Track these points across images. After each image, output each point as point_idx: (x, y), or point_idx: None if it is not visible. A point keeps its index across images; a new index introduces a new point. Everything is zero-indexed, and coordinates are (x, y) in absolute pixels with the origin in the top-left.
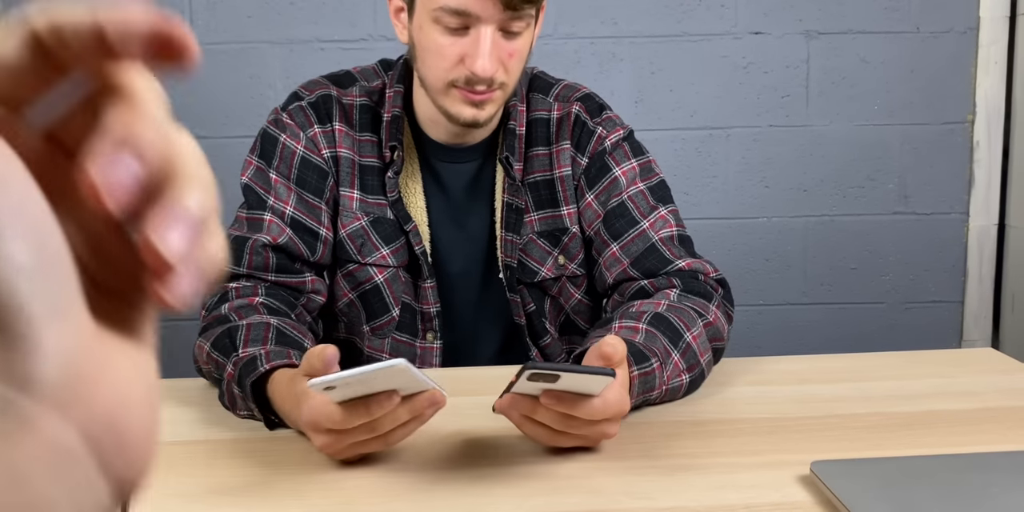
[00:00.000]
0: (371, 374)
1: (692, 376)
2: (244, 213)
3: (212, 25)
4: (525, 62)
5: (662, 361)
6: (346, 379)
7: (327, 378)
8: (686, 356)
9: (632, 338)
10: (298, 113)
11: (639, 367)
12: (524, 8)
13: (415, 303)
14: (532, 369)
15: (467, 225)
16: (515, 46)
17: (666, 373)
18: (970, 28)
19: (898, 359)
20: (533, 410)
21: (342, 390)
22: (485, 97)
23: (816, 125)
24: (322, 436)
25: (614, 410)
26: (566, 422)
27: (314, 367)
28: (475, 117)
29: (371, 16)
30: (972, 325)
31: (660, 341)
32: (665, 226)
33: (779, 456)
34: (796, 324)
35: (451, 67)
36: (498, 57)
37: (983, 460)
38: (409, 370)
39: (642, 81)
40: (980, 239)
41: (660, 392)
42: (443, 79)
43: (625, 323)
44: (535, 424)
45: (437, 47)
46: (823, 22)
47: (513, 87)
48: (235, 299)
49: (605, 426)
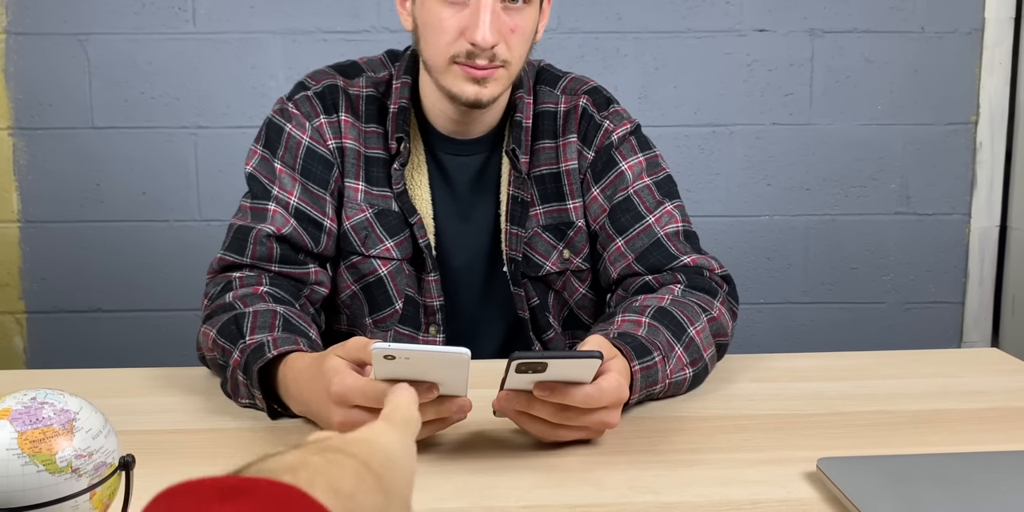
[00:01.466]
0: (433, 355)
1: (696, 370)
2: (248, 203)
3: (215, 15)
4: (529, 45)
5: (664, 355)
6: (410, 351)
7: (395, 345)
8: (689, 350)
9: (635, 332)
10: (304, 103)
11: (640, 361)
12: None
13: (418, 296)
14: (518, 359)
15: (472, 218)
16: (517, 21)
17: (669, 367)
18: (975, 29)
19: (903, 358)
20: (529, 405)
21: (395, 365)
22: (487, 73)
23: (819, 124)
24: (344, 411)
25: (611, 397)
26: (562, 413)
27: (350, 354)
28: (478, 95)
29: (374, 7)
30: (972, 326)
31: (663, 335)
32: (671, 221)
33: (785, 452)
34: (796, 323)
35: (452, 41)
36: (498, 29)
37: (989, 459)
38: (466, 364)
39: (646, 77)
40: (981, 240)
41: (664, 386)
42: (445, 54)
43: (628, 317)
44: (533, 419)
45: (438, 21)
46: (828, 21)
47: (518, 67)
48: (239, 288)
49: (604, 415)
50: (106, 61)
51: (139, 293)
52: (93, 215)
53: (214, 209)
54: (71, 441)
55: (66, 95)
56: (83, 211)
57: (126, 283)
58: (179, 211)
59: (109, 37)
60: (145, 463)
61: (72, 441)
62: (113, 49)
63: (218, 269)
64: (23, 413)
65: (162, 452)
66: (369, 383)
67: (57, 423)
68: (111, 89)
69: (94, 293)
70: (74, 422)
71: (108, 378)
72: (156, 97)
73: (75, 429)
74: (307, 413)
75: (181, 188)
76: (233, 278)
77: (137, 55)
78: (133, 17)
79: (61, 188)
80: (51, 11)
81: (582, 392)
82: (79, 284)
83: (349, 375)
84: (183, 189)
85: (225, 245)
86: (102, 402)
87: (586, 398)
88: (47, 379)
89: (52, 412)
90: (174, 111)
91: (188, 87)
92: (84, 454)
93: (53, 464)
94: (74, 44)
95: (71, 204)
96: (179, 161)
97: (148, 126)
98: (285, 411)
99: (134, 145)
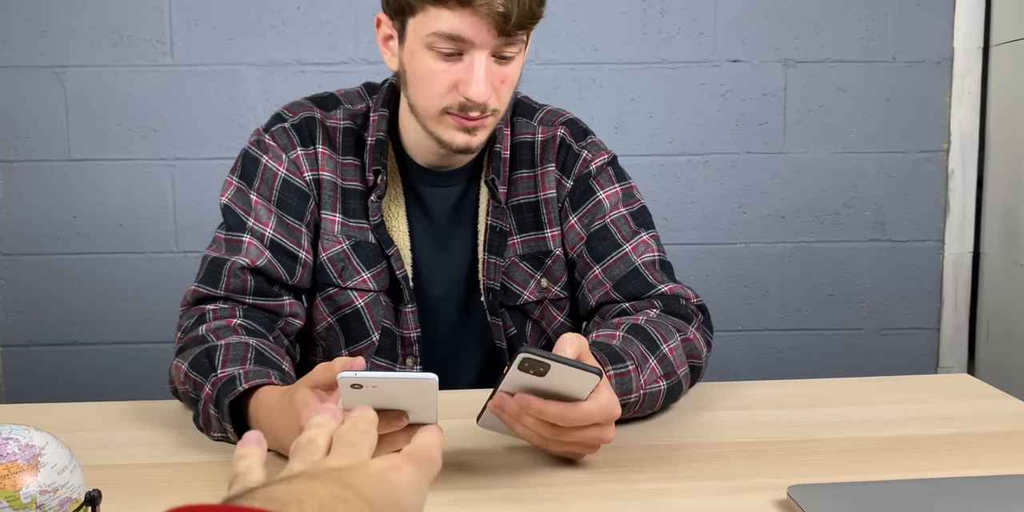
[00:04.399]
0: (400, 382)
1: (670, 383)
2: (223, 234)
3: (192, 47)
4: (515, 87)
5: (638, 365)
6: (376, 379)
7: (360, 374)
8: (663, 363)
9: (609, 342)
10: (281, 135)
11: (615, 367)
12: (518, 34)
13: (395, 327)
14: (526, 352)
15: (449, 248)
16: (507, 72)
17: (643, 377)
18: (944, 58)
19: (875, 384)
20: (520, 416)
21: (362, 394)
22: (478, 123)
23: (793, 152)
24: None
25: (601, 415)
26: (552, 429)
27: (318, 381)
28: (467, 143)
29: (352, 39)
30: (948, 352)
31: (637, 346)
32: (647, 251)
33: (756, 480)
34: (773, 350)
35: (444, 93)
36: (491, 83)
37: (958, 485)
38: (434, 390)
39: (622, 107)
40: (955, 267)
41: (638, 396)
42: (436, 106)
43: (603, 331)
44: (525, 427)
45: (430, 73)
46: (801, 51)
47: (504, 113)
48: (212, 320)
49: (596, 431)
50: (83, 93)
51: (116, 326)
52: (69, 247)
53: (191, 241)
54: (35, 477)
55: (43, 127)
56: (59, 243)
57: (103, 316)
58: (156, 243)
59: (86, 70)
60: (113, 497)
61: (37, 477)
62: (90, 82)
63: (192, 301)
64: None
65: (131, 486)
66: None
67: (22, 458)
68: (88, 121)
69: (70, 326)
70: (39, 457)
71: (80, 412)
72: (134, 129)
73: (40, 464)
74: (278, 447)
75: (158, 220)
76: (207, 310)
77: (115, 87)
78: (111, 50)
79: (37, 220)
80: (28, 44)
81: (576, 409)
82: (55, 317)
83: (318, 407)
84: (160, 221)
85: (199, 277)
86: (72, 436)
87: (580, 415)
88: (17, 414)
89: (17, 447)
90: (152, 143)
91: (166, 119)
92: (49, 490)
93: (17, 500)
94: (51, 77)
95: (47, 236)
96: (156, 193)
97: (125, 158)
98: None
99: (111, 177)
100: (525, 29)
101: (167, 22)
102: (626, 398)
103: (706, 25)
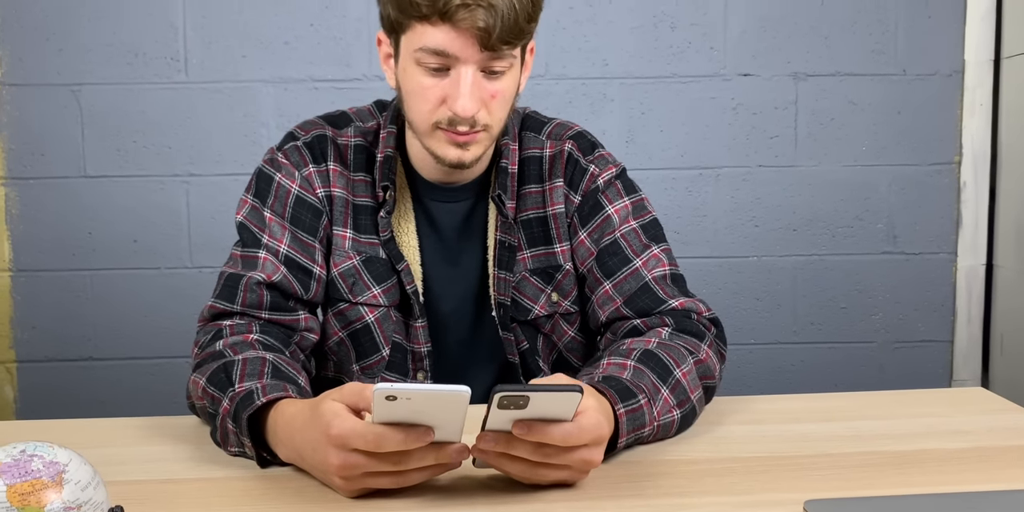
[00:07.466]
0: (435, 394)
1: (683, 412)
2: (239, 251)
3: (207, 64)
4: (512, 103)
5: (650, 397)
6: (412, 391)
7: (397, 385)
8: (676, 392)
9: (619, 375)
10: (293, 153)
11: (625, 404)
12: (503, 49)
13: (406, 342)
14: (500, 392)
15: (459, 263)
16: (497, 87)
17: (655, 409)
18: (955, 71)
19: (889, 398)
20: (508, 445)
21: (395, 407)
22: (468, 138)
23: (804, 165)
24: (343, 455)
25: (590, 434)
26: (542, 451)
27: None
28: (460, 158)
29: (366, 56)
30: (962, 365)
31: (648, 377)
32: (658, 265)
33: (772, 495)
34: (786, 363)
35: (434, 108)
36: (479, 97)
37: (973, 499)
38: (465, 403)
39: (632, 121)
40: (968, 279)
41: (652, 429)
42: (427, 121)
43: (614, 360)
44: (513, 460)
45: (420, 88)
46: (811, 64)
47: (499, 128)
48: (230, 336)
49: (585, 453)
50: (99, 111)
51: (131, 341)
52: (85, 263)
53: (206, 256)
54: (60, 493)
55: (59, 145)
56: (74, 259)
57: (117, 331)
58: (171, 259)
59: (102, 87)
60: None
61: (61, 493)
62: (106, 99)
63: (208, 317)
64: (12, 466)
65: (152, 502)
66: (369, 426)
67: (46, 475)
68: (104, 138)
69: (85, 341)
70: (63, 474)
71: (98, 428)
72: (148, 146)
73: (64, 481)
74: (297, 460)
75: (173, 236)
76: (223, 326)
77: (130, 105)
78: (126, 67)
79: (53, 237)
80: (44, 62)
81: (561, 430)
82: (70, 333)
83: (349, 418)
84: (175, 236)
85: (216, 293)
86: (92, 452)
87: (565, 436)
88: (38, 430)
89: (41, 464)
90: (166, 160)
91: (180, 136)
92: (73, 506)
93: None
94: (67, 95)
95: (63, 253)
96: (171, 209)
97: (140, 174)
98: (275, 459)
99: (126, 193)
100: (511, 44)
101: (181, 40)
102: (639, 433)
103: (716, 39)
